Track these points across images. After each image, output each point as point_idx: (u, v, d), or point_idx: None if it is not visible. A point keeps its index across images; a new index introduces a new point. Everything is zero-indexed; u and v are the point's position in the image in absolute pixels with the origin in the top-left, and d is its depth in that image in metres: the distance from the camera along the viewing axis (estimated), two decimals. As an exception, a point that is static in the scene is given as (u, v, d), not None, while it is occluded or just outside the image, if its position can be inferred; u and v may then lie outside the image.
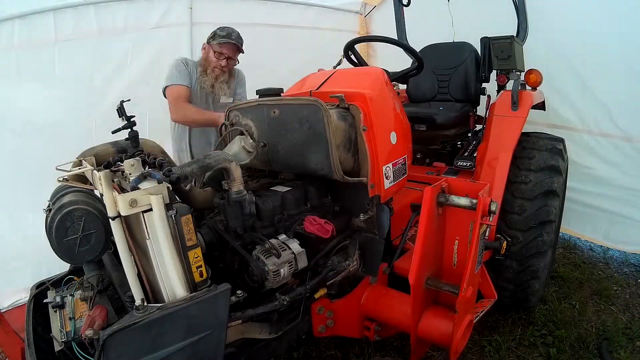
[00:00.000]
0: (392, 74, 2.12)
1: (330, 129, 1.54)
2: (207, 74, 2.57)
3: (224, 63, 2.55)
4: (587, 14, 2.99)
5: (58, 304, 1.38)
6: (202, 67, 2.59)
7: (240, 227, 1.49)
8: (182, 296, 1.17)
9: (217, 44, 2.50)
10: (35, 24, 2.71)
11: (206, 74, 2.57)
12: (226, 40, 2.49)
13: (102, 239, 1.21)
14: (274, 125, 1.73)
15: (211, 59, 2.55)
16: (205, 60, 2.59)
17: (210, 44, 2.55)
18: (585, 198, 3.28)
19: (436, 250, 1.70)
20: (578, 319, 2.55)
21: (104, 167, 1.31)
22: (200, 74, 2.58)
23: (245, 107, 1.86)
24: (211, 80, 2.57)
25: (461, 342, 1.56)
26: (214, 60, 2.54)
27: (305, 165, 1.68)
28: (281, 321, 1.61)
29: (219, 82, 2.59)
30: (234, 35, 2.54)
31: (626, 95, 2.91)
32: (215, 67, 2.55)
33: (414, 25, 3.30)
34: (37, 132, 2.79)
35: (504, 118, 2.34)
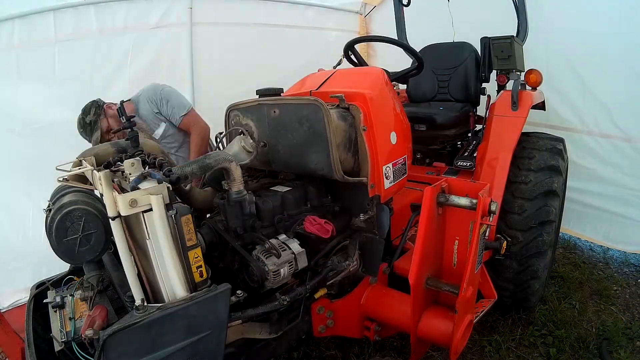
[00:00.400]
0: (392, 74, 2.12)
1: (330, 128, 1.54)
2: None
3: (114, 129, 2.31)
4: (587, 14, 2.99)
5: (58, 304, 1.38)
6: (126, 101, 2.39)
7: (240, 227, 1.49)
8: (182, 296, 1.17)
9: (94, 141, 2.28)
10: (35, 24, 2.71)
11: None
12: (94, 142, 2.27)
13: (102, 239, 1.21)
14: (274, 125, 1.73)
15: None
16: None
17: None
18: (585, 198, 3.28)
19: (436, 250, 1.70)
20: (578, 319, 2.55)
21: (104, 167, 1.31)
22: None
23: (245, 107, 1.86)
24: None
25: (461, 342, 1.56)
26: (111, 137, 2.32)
27: (306, 165, 1.68)
28: (281, 321, 1.61)
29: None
30: (86, 136, 2.31)
31: (626, 96, 2.91)
32: (118, 137, 2.28)
33: (414, 25, 3.30)
34: (37, 132, 2.79)
35: (504, 118, 2.34)
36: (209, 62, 3.52)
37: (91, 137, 2.28)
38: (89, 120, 2.29)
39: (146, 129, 2.41)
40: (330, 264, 1.72)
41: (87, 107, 2.32)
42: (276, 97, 1.78)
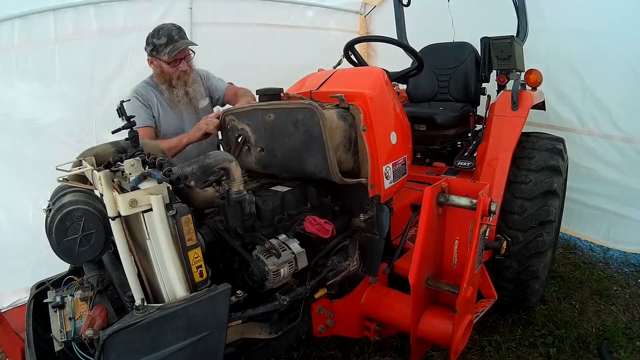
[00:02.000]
0: (392, 74, 2.12)
1: (326, 131, 1.53)
2: (174, 86, 2.27)
3: (184, 67, 2.25)
4: (587, 14, 2.99)
5: (58, 304, 1.38)
6: (164, 83, 2.28)
7: (240, 227, 1.49)
8: (182, 296, 1.17)
9: (167, 56, 2.17)
10: (35, 24, 2.71)
11: (174, 87, 2.27)
12: (172, 47, 2.15)
13: (102, 239, 1.21)
14: (270, 130, 1.73)
15: (168, 71, 2.24)
16: (163, 75, 2.27)
17: (157, 57, 2.21)
18: (585, 198, 3.28)
19: (436, 250, 1.70)
20: (578, 319, 2.55)
21: (104, 167, 1.31)
22: (167, 91, 2.28)
23: (240, 111, 1.86)
24: (182, 89, 2.28)
25: (461, 342, 1.56)
26: (172, 71, 2.24)
27: (304, 168, 1.68)
28: (281, 321, 1.61)
29: (190, 85, 2.32)
30: (175, 35, 2.18)
31: (626, 96, 2.91)
32: (178, 75, 2.26)
33: (414, 25, 3.30)
34: (37, 132, 2.79)
35: (504, 118, 2.34)
36: (209, 62, 3.51)
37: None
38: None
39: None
40: (330, 264, 1.72)
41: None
42: (270, 101, 1.77)
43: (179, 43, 2.17)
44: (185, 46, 2.20)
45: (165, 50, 2.16)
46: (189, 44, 2.22)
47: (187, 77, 2.30)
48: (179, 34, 2.21)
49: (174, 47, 2.16)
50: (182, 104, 2.33)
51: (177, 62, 2.23)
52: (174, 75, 2.26)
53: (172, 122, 2.36)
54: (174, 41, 2.17)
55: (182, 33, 2.23)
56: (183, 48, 2.19)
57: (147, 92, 2.30)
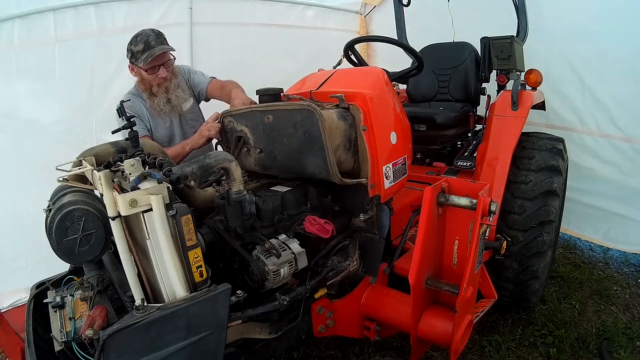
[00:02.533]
0: (392, 74, 2.12)
1: (325, 132, 1.53)
2: (155, 94, 2.23)
3: (163, 73, 2.20)
4: (587, 14, 2.99)
5: (58, 304, 1.38)
6: (145, 91, 2.24)
7: (240, 227, 1.49)
8: (182, 296, 1.17)
9: (144, 63, 2.12)
10: (35, 24, 2.71)
11: (155, 95, 2.23)
12: (148, 54, 2.10)
13: (102, 239, 1.21)
14: (269, 131, 1.73)
15: (147, 78, 2.20)
16: (143, 82, 2.23)
17: (135, 64, 2.17)
18: (585, 198, 3.28)
19: (436, 250, 1.70)
20: (578, 319, 2.55)
21: (104, 167, 1.31)
22: (148, 100, 2.25)
23: (239, 113, 1.86)
24: (164, 96, 2.24)
25: (461, 342, 1.56)
26: (151, 78, 2.19)
27: (303, 169, 1.67)
28: (281, 321, 1.61)
29: (172, 92, 2.27)
30: (152, 41, 2.12)
31: (626, 96, 2.91)
32: (158, 82, 2.21)
33: (414, 25, 3.30)
34: (37, 132, 2.79)
35: (504, 118, 2.34)
36: (209, 62, 3.51)
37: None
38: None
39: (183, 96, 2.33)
40: (330, 264, 1.72)
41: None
42: (269, 103, 1.76)
43: (156, 49, 2.10)
44: (162, 52, 2.13)
45: (142, 57, 2.11)
46: (165, 49, 2.15)
47: (167, 83, 2.24)
48: (157, 39, 2.13)
49: (150, 53, 2.10)
50: (165, 111, 2.28)
51: (155, 69, 2.18)
52: (153, 83, 2.21)
53: (161, 129, 2.34)
54: (150, 47, 2.11)
55: (160, 38, 2.15)
56: (159, 54, 2.12)
57: (135, 103, 2.25)
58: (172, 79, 2.27)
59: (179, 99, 2.30)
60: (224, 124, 1.95)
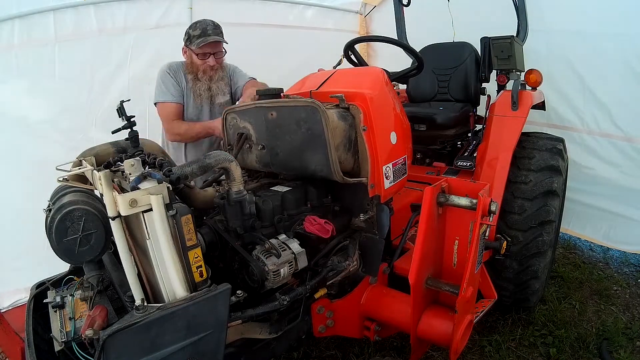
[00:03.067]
0: (392, 74, 2.12)
1: (328, 130, 1.54)
2: (199, 79, 2.37)
3: (212, 62, 2.34)
4: (587, 15, 2.99)
5: (58, 304, 1.38)
6: (191, 73, 2.38)
7: (240, 227, 1.49)
8: (182, 296, 1.17)
9: (196, 46, 2.28)
10: (35, 24, 2.71)
11: (198, 79, 2.37)
12: (203, 39, 2.26)
13: (102, 239, 1.21)
14: (272, 128, 1.73)
15: (196, 62, 2.34)
16: (192, 65, 2.37)
17: (189, 47, 2.34)
18: (585, 198, 3.29)
19: (436, 250, 1.70)
20: (578, 319, 2.55)
21: (104, 167, 1.31)
22: (191, 81, 2.38)
23: (242, 109, 1.86)
24: (206, 83, 2.38)
25: (461, 342, 1.56)
26: (200, 63, 2.33)
27: (305, 167, 1.68)
28: (281, 321, 1.61)
29: (215, 82, 2.40)
30: (209, 29, 2.28)
31: (626, 96, 2.91)
32: (204, 69, 2.35)
33: (414, 25, 3.30)
34: (37, 132, 2.79)
35: (504, 118, 2.34)
36: (209, 62, 3.52)
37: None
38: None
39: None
40: (330, 264, 1.72)
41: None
42: (273, 99, 1.77)
43: (210, 37, 2.27)
44: (215, 40, 2.29)
45: (197, 41, 2.28)
46: (219, 40, 2.31)
47: (212, 72, 2.38)
48: (214, 30, 2.31)
49: (204, 39, 2.26)
50: (203, 97, 2.40)
51: (205, 56, 2.33)
52: (200, 68, 2.34)
53: (191, 110, 2.44)
54: (206, 34, 2.28)
55: (217, 30, 2.33)
56: (212, 41, 2.28)
57: (179, 72, 2.39)
58: (218, 70, 2.42)
59: (218, 91, 2.43)
60: (227, 120, 1.95)
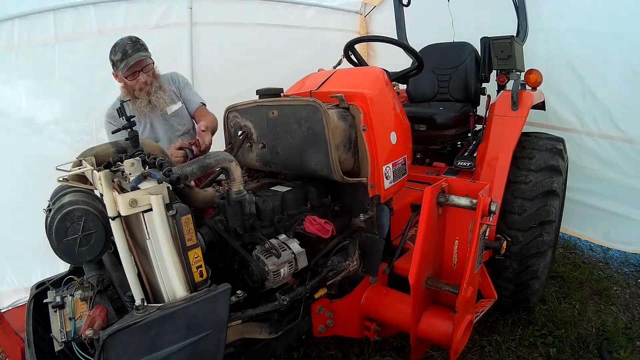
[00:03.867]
0: (392, 74, 2.12)
1: (329, 129, 1.54)
2: (137, 97, 2.31)
3: (143, 77, 2.28)
4: (587, 14, 2.99)
5: (58, 304, 1.38)
6: (129, 96, 2.32)
7: (240, 227, 1.49)
8: (182, 296, 1.17)
9: (122, 71, 2.22)
10: (35, 24, 2.71)
11: (137, 98, 2.31)
12: (125, 63, 2.18)
13: (102, 239, 1.21)
14: (273, 127, 1.73)
15: (129, 84, 2.29)
16: (126, 88, 2.33)
17: (116, 72, 2.28)
18: (585, 198, 3.28)
19: (436, 250, 1.70)
20: (578, 319, 2.55)
21: (104, 167, 1.31)
22: (131, 104, 2.31)
23: (243, 108, 1.86)
24: (145, 99, 2.31)
25: (461, 342, 1.56)
26: (132, 83, 2.28)
27: (305, 166, 1.68)
28: (281, 321, 1.61)
29: (153, 94, 2.32)
30: (128, 49, 2.20)
31: (626, 96, 2.91)
32: (140, 87, 2.29)
33: (414, 25, 3.30)
34: (37, 132, 2.79)
35: (504, 118, 2.34)
36: (209, 62, 3.52)
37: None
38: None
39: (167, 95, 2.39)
40: (330, 264, 1.72)
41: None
42: (274, 98, 1.78)
43: (131, 58, 2.19)
44: (138, 59, 2.20)
45: (120, 66, 2.21)
46: (141, 57, 2.22)
47: (148, 87, 2.31)
48: (133, 47, 2.21)
49: (126, 62, 2.19)
50: (145, 113, 2.35)
51: (135, 75, 2.26)
52: (135, 87, 2.29)
53: (145, 132, 2.40)
54: (127, 56, 2.19)
55: (137, 46, 2.23)
56: (135, 62, 2.20)
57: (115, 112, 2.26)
58: (153, 82, 2.33)
59: (160, 101, 2.35)
60: (229, 119, 1.95)
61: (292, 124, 1.66)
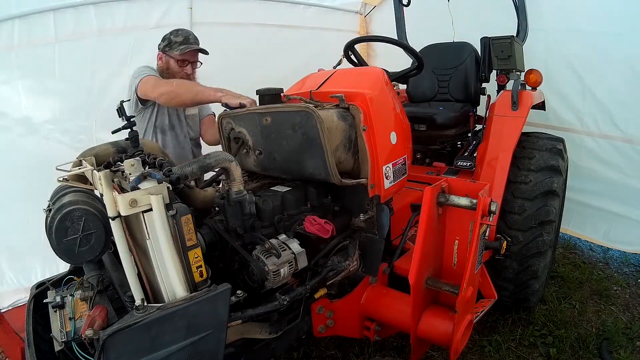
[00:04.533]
0: (392, 74, 2.12)
1: (324, 134, 1.53)
2: None
3: (189, 70, 2.33)
4: (587, 14, 2.99)
5: (58, 304, 1.38)
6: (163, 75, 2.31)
7: (240, 227, 1.49)
8: (182, 296, 1.17)
9: (178, 52, 2.26)
10: (35, 24, 2.71)
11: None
12: (186, 46, 2.25)
13: (102, 239, 1.21)
14: (267, 133, 1.73)
15: (174, 68, 2.30)
16: (167, 71, 2.32)
17: (168, 52, 2.29)
18: (585, 198, 3.28)
19: (436, 250, 1.70)
20: (578, 319, 2.55)
21: (104, 167, 1.31)
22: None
23: (236, 115, 1.85)
24: None
25: (461, 342, 1.56)
26: (177, 70, 2.30)
27: (302, 171, 1.67)
28: (281, 321, 1.61)
29: None
30: (191, 38, 2.30)
31: (626, 96, 2.91)
32: (181, 76, 2.30)
33: (414, 25, 3.30)
34: (37, 132, 2.79)
35: (504, 118, 2.34)
36: (209, 62, 3.51)
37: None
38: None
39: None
40: (330, 264, 1.72)
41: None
42: (267, 105, 1.75)
43: (194, 45, 2.30)
44: (198, 48, 2.31)
45: (180, 47, 2.27)
46: (202, 49, 2.33)
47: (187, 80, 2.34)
48: (196, 40, 2.34)
49: (188, 46, 2.27)
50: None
51: (184, 63, 2.32)
52: (177, 75, 2.31)
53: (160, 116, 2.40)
54: (189, 42, 2.29)
55: (198, 41, 2.35)
56: (195, 49, 2.31)
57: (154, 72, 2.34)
58: (192, 78, 2.40)
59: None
60: (222, 125, 1.95)
61: (286, 130, 1.65)
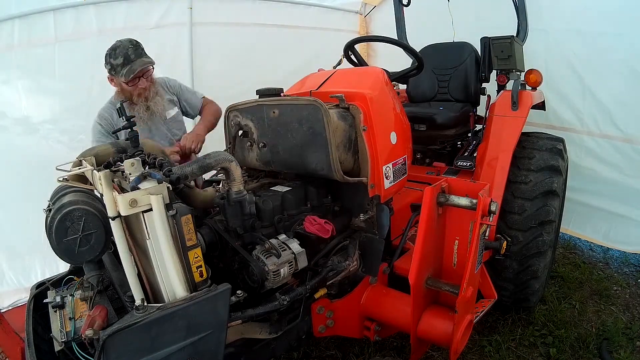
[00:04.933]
0: (392, 74, 2.12)
1: (330, 129, 1.54)
2: (134, 102, 2.25)
3: (143, 84, 2.22)
4: (587, 14, 2.99)
5: (58, 304, 1.38)
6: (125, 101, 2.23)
7: (240, 227, 1.49)
8: (182, 296, 1.17)
9: (124, 78, 2.14)
10: (35, 24, 2.72)
11: (134, 104, 2.25)
12: (128, 69, 2.11)
13: (102, 239, 1.21)
14: (274, 126, 1.74)
15: (127, 89, 2.21)
16: (123, 93, 2.25)
17: (114, 77, 2.19)
18: (585, 198, 3.28)
19: (436, 250, 1.70)
20: (578, 319, 2.55)
21: (104, 167, 1.31)
22: (128, 108, 2.22)
23: (244, 107, 1.86)
24: (143, 104, 2.25)
25: (461, 342, 1.56)
26: (131, 89, 2.21)
27: (305, 165, 1.68)
28: (281, 321, 1.61)
29: (152, 99, 2.27)
30: (131, 54, 2.13)
31: (626, 96, 2.91)
32: (138, 93, 2.23)
33: (414, 25, 3.30)
34: (37, 132, 2.79)
35: (504, 118, 2.34)
36: (209, 62, 3.52)
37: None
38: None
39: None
40: (330, 264, 1.72)
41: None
42: (275, 97, 1.78)
43: (135, 64, 2.13)
44: (142, 67, 2.15)
45: (122, 71, 2.12)
46: (145, 63, 2.17)
47: (147, 93, 2.26)
48: (136, 52, 2.15)
49: (130, 68, 2.12)
50: (144, 119, 2.29)
51: (135, 81, 2.19)
52: (134, 93, 2.23)
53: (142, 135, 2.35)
54: (130, 61, 2.13)
55: (138, 50, 2.17)
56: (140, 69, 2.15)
57: (112, 114, 2.26)
58: (151, 87, 2.28)
59: (158, 106, 2.30)
60: (229, 118, 1.95)
61: (293, 123, 1.66)
